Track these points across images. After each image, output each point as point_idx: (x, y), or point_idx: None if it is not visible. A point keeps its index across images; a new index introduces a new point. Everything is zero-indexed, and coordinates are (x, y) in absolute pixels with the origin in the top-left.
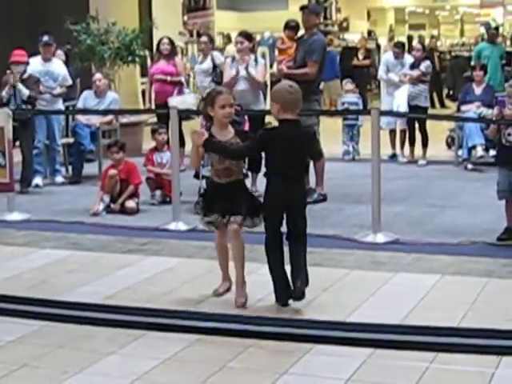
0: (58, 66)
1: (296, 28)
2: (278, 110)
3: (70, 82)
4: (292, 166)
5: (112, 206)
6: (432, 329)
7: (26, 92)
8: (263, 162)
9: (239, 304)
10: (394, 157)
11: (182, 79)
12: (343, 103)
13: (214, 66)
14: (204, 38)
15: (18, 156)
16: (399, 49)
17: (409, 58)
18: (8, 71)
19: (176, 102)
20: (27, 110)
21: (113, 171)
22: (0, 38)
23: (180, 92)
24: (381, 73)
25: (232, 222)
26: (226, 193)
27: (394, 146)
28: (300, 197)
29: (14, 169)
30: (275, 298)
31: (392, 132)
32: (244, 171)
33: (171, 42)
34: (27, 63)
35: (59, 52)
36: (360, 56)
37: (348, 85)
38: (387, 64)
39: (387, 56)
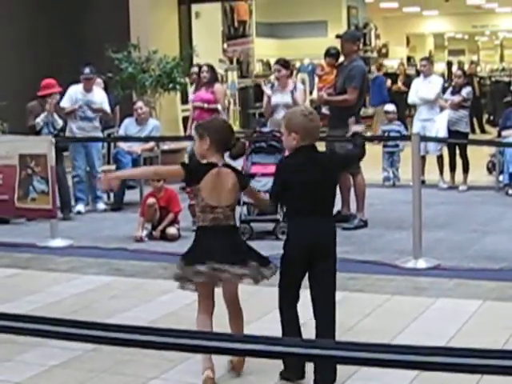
0: (98, 95)
1: (336, 55)
2: (297, 141)
3: (108, 110)
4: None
5: (153, 233)
6: (477, 351)
7: (60, 122)
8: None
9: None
10: (422, 183)
11: (219, 106)
12: (384, 131)
13: None
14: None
15: None
16: (426, 60)
17: (436, 78)
18: (43, 100)
19: None
20: (66, 137)
21: (151, 200)
22: (42, 65)
23: None
24: (412, 96)
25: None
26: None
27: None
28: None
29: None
30: (283, 375)
31: (423, 158)
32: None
33: (211, 69)
34: (60, 92)
35: (98, 80)
36: (399, 82)
37: (390, 114)
38: (416, 87)
39: (416, 80)
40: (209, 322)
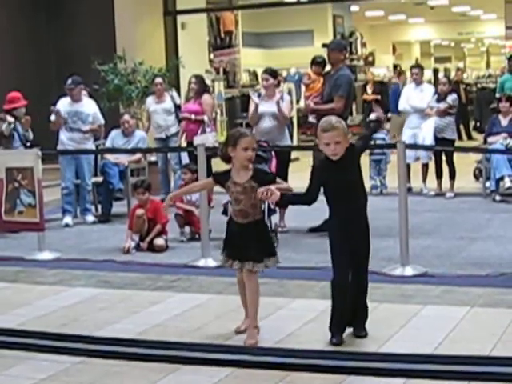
0: (87, 106)
1: (322, 63)
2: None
3: (101, 120)
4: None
5: (141, 244)
6: (464, 358)
7: (30, 134)
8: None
9: (248, 345)
10: (409, 190)
11: (205, 118)
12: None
13: (175, 105)
14: (158, 80)
15: (48, 196)
16: (417, 68)
17: (428, 86)
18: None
19: (199, 140)
20: (56, 150)
21: (140, 211)
22: (28, 79)
23: (203, 131)
24: (403, 103)
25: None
26: (241, 235)
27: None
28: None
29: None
30: (331, 333)
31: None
32: (272, 207)
33: (199, 80)
34: (25, 105)
35: (83, 92)
36: (369, 90)
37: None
38: (407, 94)
39: (407, 87)
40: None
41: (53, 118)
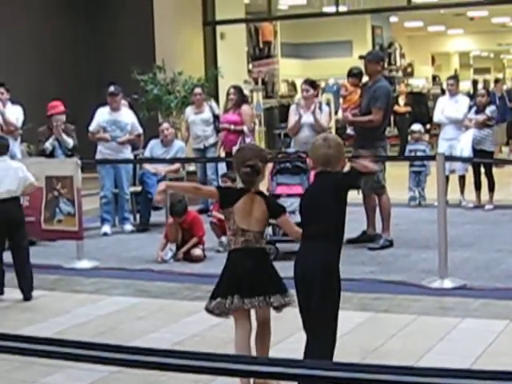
0: (126, 115)
1: (359, 75)
2: (314, 164)
3: (140, 130)
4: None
5: (177, 254)
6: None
7: (70, 142)
8: None
9: None
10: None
11: (245, 128)
12: (410, 151)
13: (214, 116)
14: (197, 90)
15: (87, 205)
16: (453, 79)
17: (463, 97)
18: (51, 122)
19: None
20: (95, 159)
21: (172, 220)
22: (68, 89)
23: (243, 141)
24: (438, 115)
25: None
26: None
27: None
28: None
29: (83, 217)
30: None
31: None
32: None
33: (238, 91)
34: (65, 112)
35: (123, 102)
36: (401, 102)
37: (416, 134)
38: (442, 105)
39: (441, 98)
40: (247, 340)
41: (93, 127)
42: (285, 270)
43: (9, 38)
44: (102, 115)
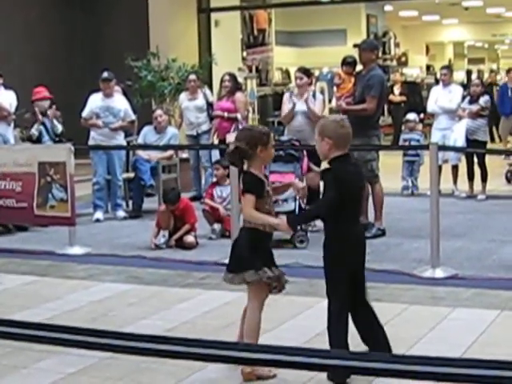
0: (119, 101)
1: (353, 63)
2: (330, 146)
3: (132, 116)
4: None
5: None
6: (493, 362)
7: (60, 127)
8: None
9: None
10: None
11: (238, 116)
12: (405, 140)
13: (208, 103)
14: (192, 77)
15: (80, 191)
16: (446, 69)
17: (456, 87)
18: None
19: (232, 138)
20: (88, 145)
21: (163, 206)
22: (62, 75)
23: (236, 128)
24: (431, 105)
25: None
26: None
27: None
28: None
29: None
30: (329, 375)
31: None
32: (303, 206)
33: (232, 78)
34: (50, 98)
35: (117, 88)
36: (396, 91)
37: (411, 123)
38: (436, 95)
39: (435, 88)
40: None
41: (86, 113)
42: (278, 257)
43: (2, 22)
44: (95, 101)
